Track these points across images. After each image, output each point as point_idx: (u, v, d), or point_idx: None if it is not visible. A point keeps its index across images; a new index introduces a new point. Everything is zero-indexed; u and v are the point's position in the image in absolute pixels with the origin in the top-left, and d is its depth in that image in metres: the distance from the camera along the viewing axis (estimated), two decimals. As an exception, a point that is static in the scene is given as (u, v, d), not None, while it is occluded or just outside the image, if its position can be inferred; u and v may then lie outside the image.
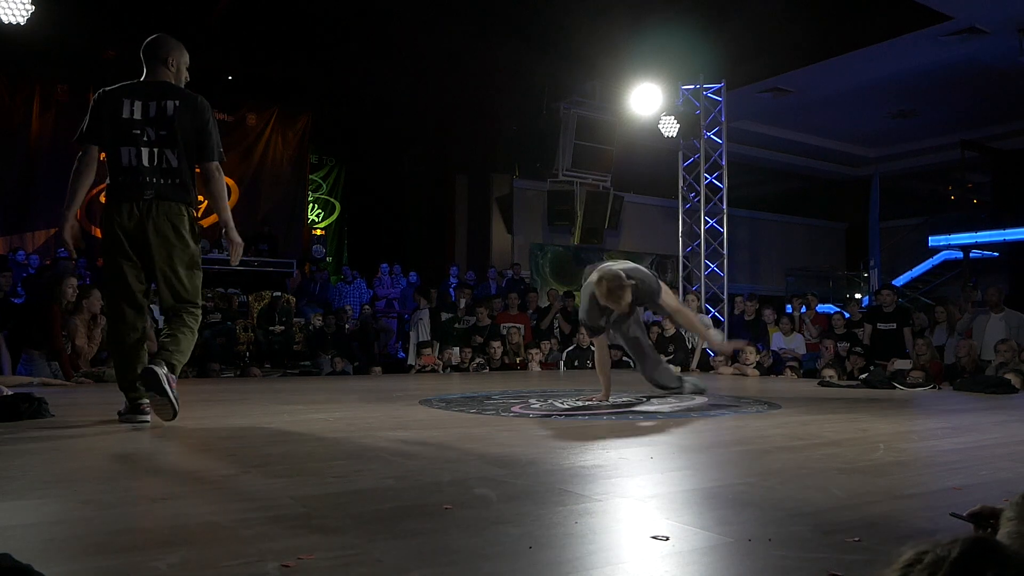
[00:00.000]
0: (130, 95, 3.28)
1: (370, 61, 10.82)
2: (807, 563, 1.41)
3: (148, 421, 3.25)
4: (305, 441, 2.94)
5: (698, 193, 10.82)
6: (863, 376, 6.83)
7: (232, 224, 3.46)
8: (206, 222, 12.96)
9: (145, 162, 3.25)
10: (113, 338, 3.44)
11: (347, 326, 9.18)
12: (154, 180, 3.26)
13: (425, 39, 10.36)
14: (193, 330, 3.37)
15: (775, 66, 11.22)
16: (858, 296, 16.03)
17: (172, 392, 3.09)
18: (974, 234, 14.76)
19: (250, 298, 9.63)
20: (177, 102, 3.29)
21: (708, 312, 10.15)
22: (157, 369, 3.07)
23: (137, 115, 3.25)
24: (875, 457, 2.68)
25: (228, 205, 3.50)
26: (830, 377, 6.83)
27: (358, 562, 1.38)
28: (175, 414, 3.12)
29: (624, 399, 4.78)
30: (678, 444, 3.06)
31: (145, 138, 3.25)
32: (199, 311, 3.43)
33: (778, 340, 8.68)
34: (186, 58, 3.45)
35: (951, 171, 16.07)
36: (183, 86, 3.43)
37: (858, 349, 8.02)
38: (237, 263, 3.64)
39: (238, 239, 3.47)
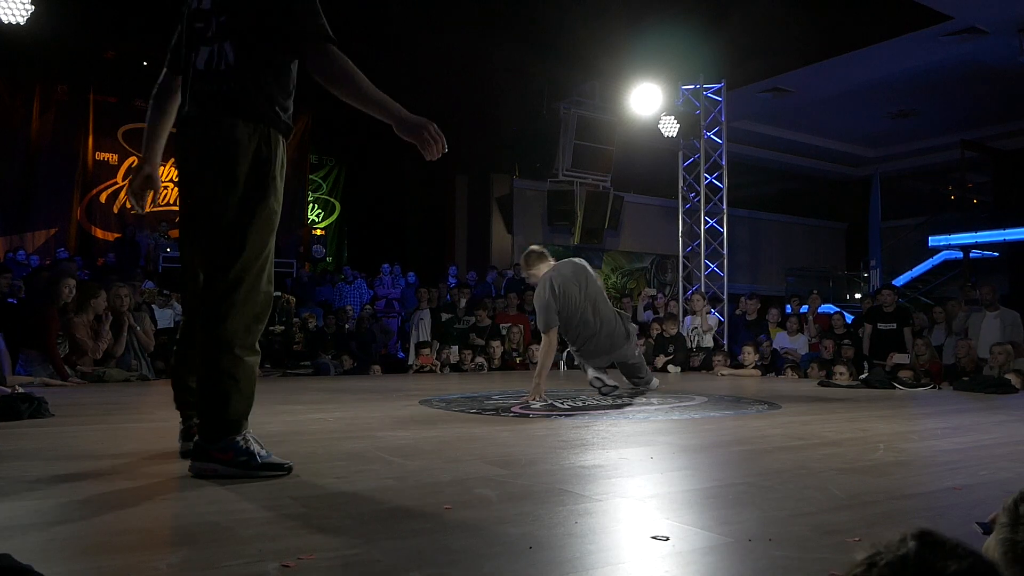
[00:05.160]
0: None
1: (370, 61, 10.79)
2: (807, 563, 1.41)
3: None
4: (305, 441, 2.94)
5: (698, 193, 10.82)
6: (863, 376, 6.82)
7: (395, 107, 2.24)
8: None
9: (200, 65, 2.21)
10: (180, 333, 2.54)
11: (347, 326, 9.18)
12: (199, 88, 2.20)
13: (425, 39, 10.36)
14: (217, 351, 2.13)
15: (775, 66, 11.21)
16: (859, 296, 16.04)
17: (233, 471, 2.12)
18: (974, 234, 14.76)
19: (250, 298, 9.59)
20: None
21: (708, 312, 10.13)
22: (192, 468, 2.18)
23: (206, 3, 2.26)
24: (875, 457, 2.68)
25: (371, 89, 2.23)
26: (840, 375, 6.80)
27: (358, 562, 1.38)
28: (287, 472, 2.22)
29: (624, 399, 4.78)
30: (678, 444, 3.06)
31: (208, 33, 2.23)
32: (248, 299, 2.16)
33: (782, 339, 8.68)
34: None
35: (951, 171, 16.08)
36: None
37: (847, 343, 8.08)
38: (436, 156, 2.30)
39: (414, 122, 2.24)
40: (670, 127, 10.50)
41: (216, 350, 2.13)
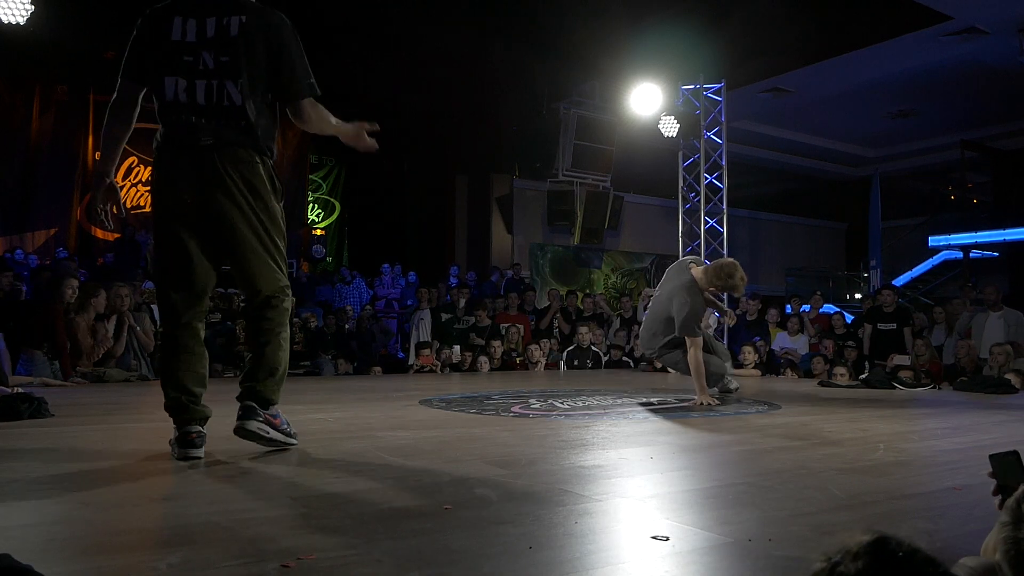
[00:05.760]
0: (183, 11, 2.48)
1: (370, 61, 10.82)
2: (807, 563, 1.41)
3: (200, 456, 2.48)
4: (305, 441, 2.93)
5: (698, 193, 10.82)
6: (863, 376, 6.82)
7: (342, 128, 2.80)
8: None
9: (200, 99, 2.45)
10: (160, 338, 2.77)
11: (347, 326, 9.18)
12: (212, 123, 2.46)
13: (425, 39, 10.36)
14: (277, 332, 2.58)
15: (775, 66, 11.21)
16: (859, 296, 16.04)
17: (280, 437, 2.61)
18: (974, 234, 14.77)
19: (250, 298, 9.59)
20: (243, 18, 2.45)
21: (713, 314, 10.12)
22: (248, 425, 2.50)
23: (191, 36, 2.46)
24: (875, 457, 2.68)
25: (330, 124, 2.77)
26: (840, 375, 6.80)
27: (358, 562, 1.38)
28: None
29: (626, 399, 4.78)
30: (678, 444, 3.06)
31: (200, 67, 2.45)
32: (288, 299, 2.62)
33: (783, 340, 8.68)
34: None
35: (951, 171, 16.08)
36: None
37: (851, 345, 8.06)
38: (369, 146, 2.91)
39: (350, 130, 2.82)
40: (670, 127, 10.50)
41: (284, 336, 2.58)
